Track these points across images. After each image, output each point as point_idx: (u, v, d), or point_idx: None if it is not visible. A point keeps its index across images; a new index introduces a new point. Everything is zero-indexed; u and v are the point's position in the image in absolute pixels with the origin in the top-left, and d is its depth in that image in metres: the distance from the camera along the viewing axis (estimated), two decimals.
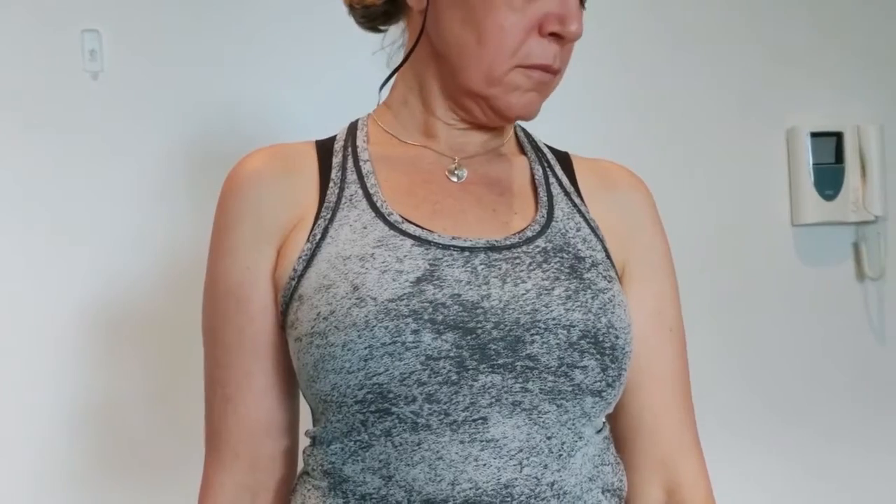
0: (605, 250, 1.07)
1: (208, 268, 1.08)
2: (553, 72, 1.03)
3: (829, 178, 1.98)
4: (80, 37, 1.71)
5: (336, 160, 1.07)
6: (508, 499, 0.94)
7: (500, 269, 0.99)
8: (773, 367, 1.99)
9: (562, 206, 1.08)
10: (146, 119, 1.74)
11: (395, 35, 1.14)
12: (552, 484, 0.96)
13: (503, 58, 1.00)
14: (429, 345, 0.93)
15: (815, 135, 1.98)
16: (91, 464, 1.71)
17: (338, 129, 1.14)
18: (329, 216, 1.02)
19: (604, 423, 1.05)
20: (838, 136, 1.99)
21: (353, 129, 1.11)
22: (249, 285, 1.03)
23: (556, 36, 1.00)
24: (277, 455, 1.06)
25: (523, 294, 0.97)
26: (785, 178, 2.00)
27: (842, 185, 1.98)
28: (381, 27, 1.15)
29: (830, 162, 1.99)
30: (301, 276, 1.00)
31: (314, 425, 1.04)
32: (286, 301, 1.01)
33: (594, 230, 1.08)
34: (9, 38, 1.70)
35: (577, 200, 1.10)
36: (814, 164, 1.98)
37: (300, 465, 1.08)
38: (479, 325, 0.95)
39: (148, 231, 1.73)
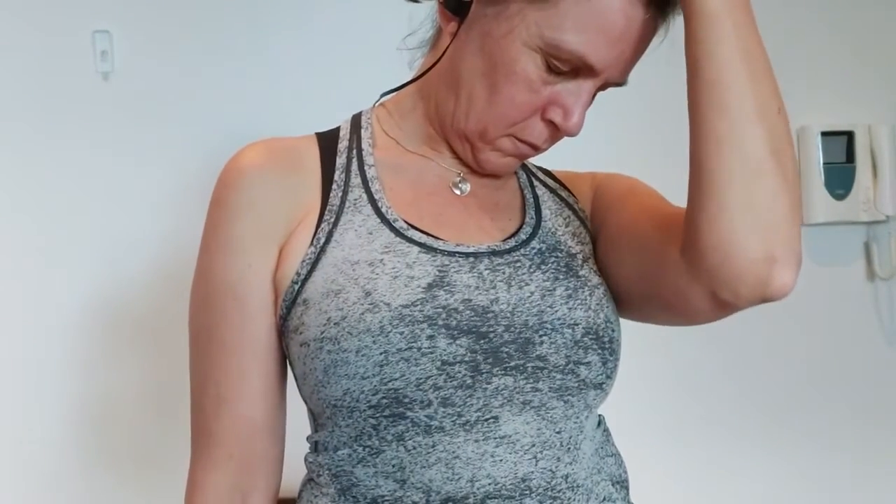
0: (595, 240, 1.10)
1: (201, 263, 1.04)
2: (539, 151, 1.05)
3: (839, 178, 1.98)
4: (92, 38, 1.72)
5: (340, 161, 1.05)
6: (527, 492, 0.95)
7: (504, 273, 1.00)
8: (782, 367, 1.99)
9: (549, 204, 1.10)
10: (157, 119, 1.74)
11: (422, 39, 1.12)
12: (566, 476, 0.97)
13: (503, 125, 1.02)
14: (444, 350, 0.94)
15: (825, 134, 1.97)
16: (92, 463, 1.72)
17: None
18: (333, 219, 1.01)
19: (601, 417, 1.06)
20: (849, 136, 1.98)
21: (356, 126, 1.09)
22: (250, 283, 1.01)
23: (553, 124, 1.02)
24: (270, 457, 1.06)
25: (528, 296, 0.99)
26: None
27: (853, 184, 1.98)
28: None
29: (841, 161, 1.98)
30: (305, 280, 0.98)
31: (316, 431, 1.04)
32: (288, 305, 1.00)
33: (583, 221, 1.10)
34: (20, 39, 1.70)
35: (563, 194, 1.12)
36: (824, 164, 1.97)
37: (289, 471, 1.08)
38: (491, 329, 0.96)
39: (159, 231, 1.73)
